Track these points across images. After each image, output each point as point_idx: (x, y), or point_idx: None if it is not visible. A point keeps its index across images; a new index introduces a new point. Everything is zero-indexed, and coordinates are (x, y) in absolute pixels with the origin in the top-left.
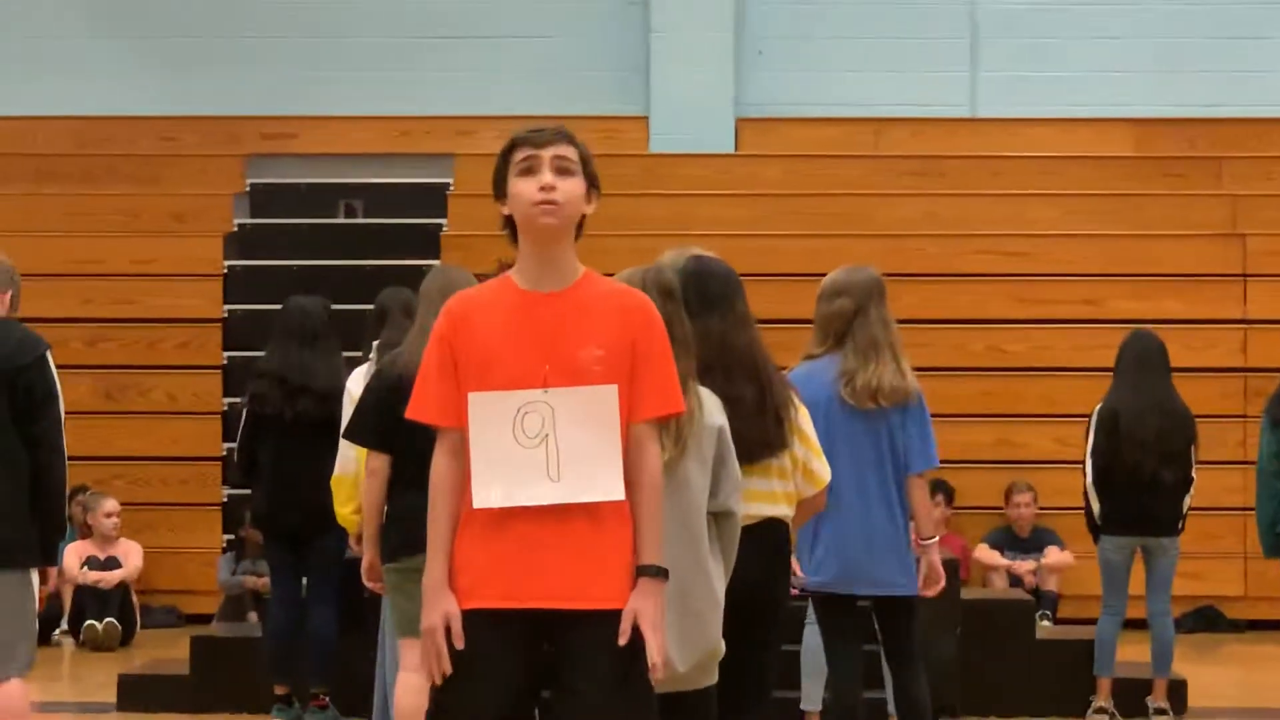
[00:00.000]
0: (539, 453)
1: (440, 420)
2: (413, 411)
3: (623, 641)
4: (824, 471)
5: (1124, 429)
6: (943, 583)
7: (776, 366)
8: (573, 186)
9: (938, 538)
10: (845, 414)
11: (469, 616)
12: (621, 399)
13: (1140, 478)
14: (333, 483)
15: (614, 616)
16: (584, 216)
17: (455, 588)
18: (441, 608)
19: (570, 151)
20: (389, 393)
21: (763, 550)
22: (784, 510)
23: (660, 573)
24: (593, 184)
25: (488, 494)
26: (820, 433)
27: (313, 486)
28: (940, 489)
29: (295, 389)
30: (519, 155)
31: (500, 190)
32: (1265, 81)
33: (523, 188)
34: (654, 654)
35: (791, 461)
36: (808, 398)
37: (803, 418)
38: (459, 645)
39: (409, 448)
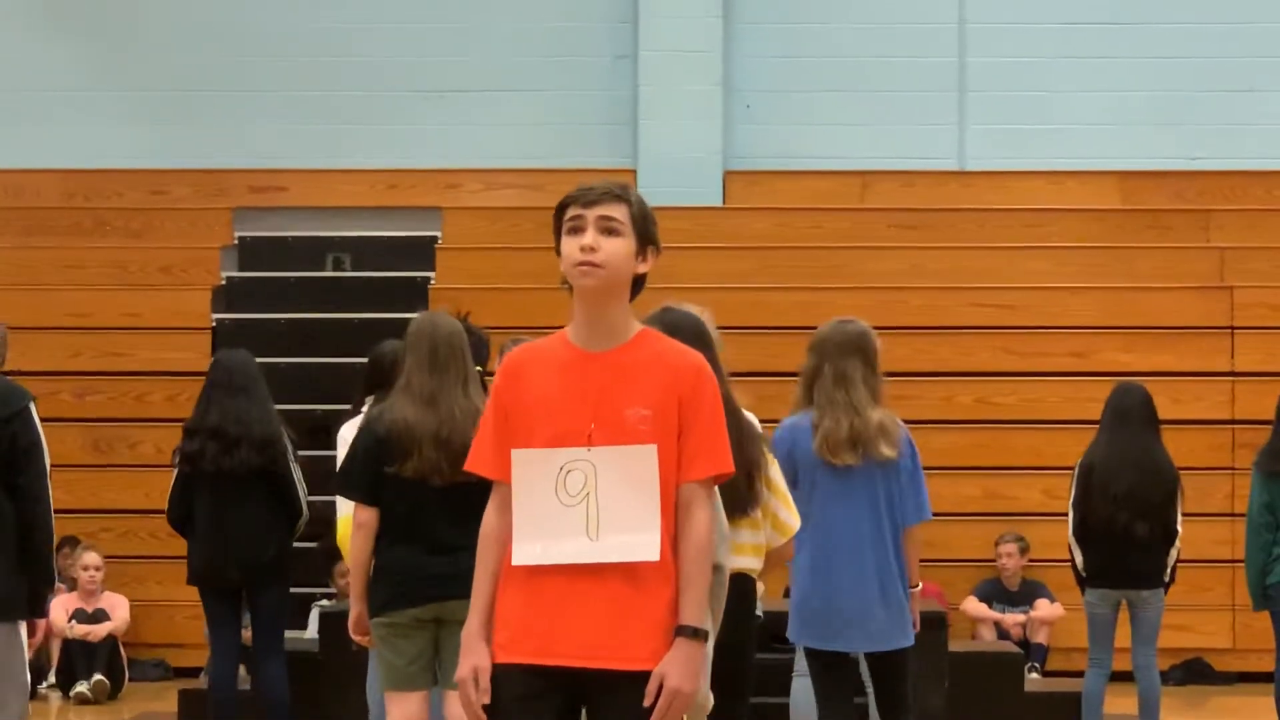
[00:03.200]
0: (579, 511)
1: (495, 474)
2: (470, 464)
3: (647, 703)
4: (792, 521)
5: (1096, 483)
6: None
7: (747, 422)
8: (617, 247)
9: (920, 587)
10: (829, 468)
11: (504, 670)
12: (671, 459)
13: (1114, 531)
14: (341, 523)
15: (646, 678)
16: (642, 276)
17: (494, 641)
18: (471, 660)
19: (619, 211)
20: (376, 445)
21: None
22: (750, 563)
23: (696, 634)
24: (648, 242)
25: (525, 552)
26: (806, 486)
27: (253, 540)
28: None
29: (233, 440)
30: (569, 214)
31: (558, 249)
32: (1251, 134)
33: (567, 247)
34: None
35: (762, 512)
36: (796, 452)
37: (773, 469)
38: (485, 699)
39: (396, 503)
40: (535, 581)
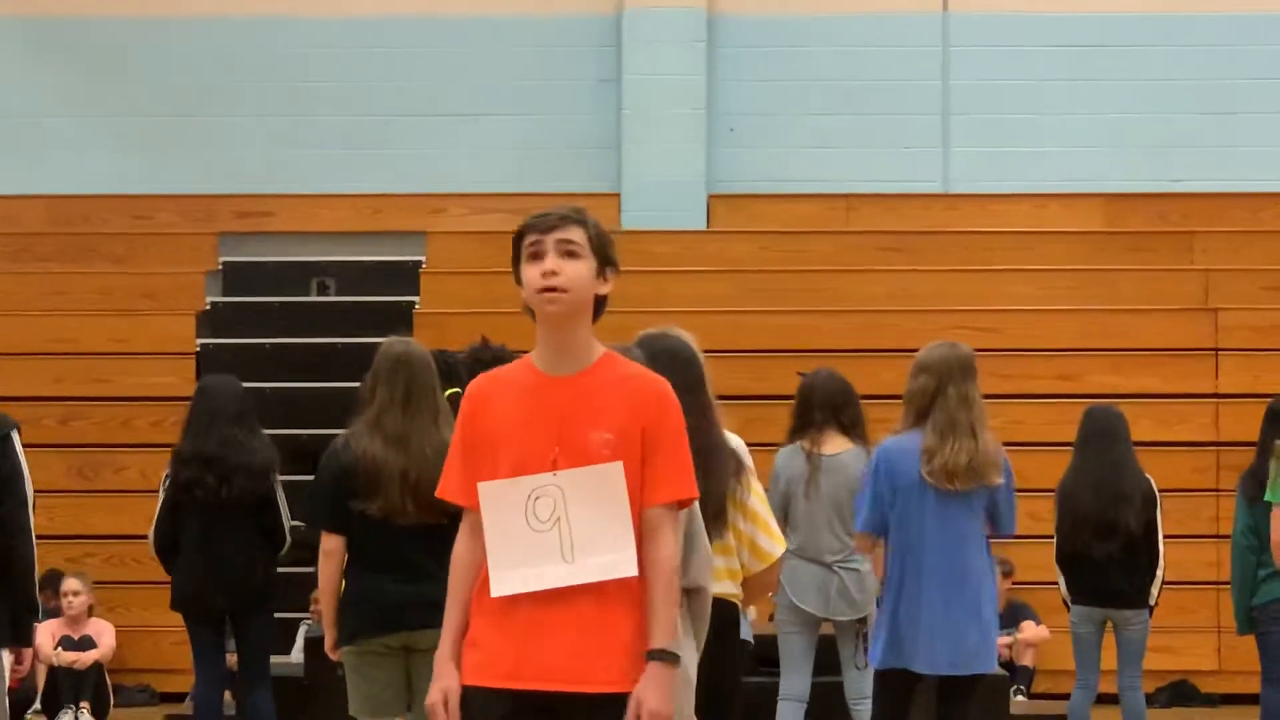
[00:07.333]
0: (552, 536)
1: (464, 501)
2: (440, 491)
3: None
4: (773, 548)
5: (1061, 507)
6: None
7: (723, 446)
8: (578, 269)
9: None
10: (934, 491)
11: (474, 693)
12: (634, 483)
13: (1084, 552)
14: None
15: (615, 700)
16: (603, 297)
17: (465, 664)
18: (441, 684)
19: (577, 234)
20: (341, 474)
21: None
22: (727, 587)
23: (668, 657)
24: (607, 263)
25: (505, 582)
26: (904, 505)
27: (241, 566)
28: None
29: (232, 467)
30: (528, 240)
31: (517, 276)
32: (1234, 157)
33: (530, 274)
34: None
35: (736, 538)
36: (898, 472)
37: (753, 495)
38: None
39: (363, 531)
40: (506, 607)
